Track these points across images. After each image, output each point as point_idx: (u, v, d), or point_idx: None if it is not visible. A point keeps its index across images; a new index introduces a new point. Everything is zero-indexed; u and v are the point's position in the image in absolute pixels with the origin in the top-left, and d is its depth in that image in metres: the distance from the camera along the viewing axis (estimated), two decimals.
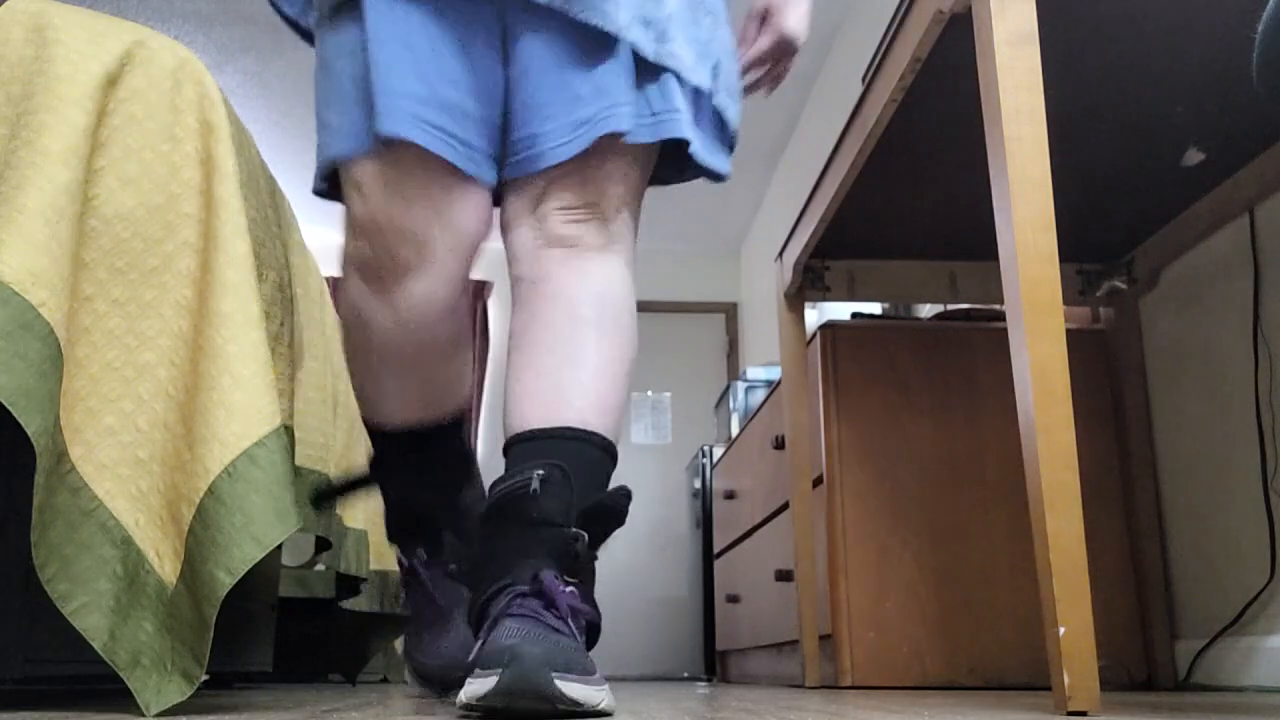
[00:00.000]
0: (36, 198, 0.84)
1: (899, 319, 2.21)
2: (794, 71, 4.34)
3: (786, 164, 4.94)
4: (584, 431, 0.98)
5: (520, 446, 0.99)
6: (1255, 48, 0.70)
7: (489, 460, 5.80)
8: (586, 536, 0.93)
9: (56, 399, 0.83)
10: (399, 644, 2.92)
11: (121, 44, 1.00)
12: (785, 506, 2.45)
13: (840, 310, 2.88)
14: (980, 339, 2.14)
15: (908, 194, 1.92)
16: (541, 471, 0.93)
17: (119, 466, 0.91)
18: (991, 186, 1.15)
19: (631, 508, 5.94)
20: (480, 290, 5.93)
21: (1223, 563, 1.85)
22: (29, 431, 0.79)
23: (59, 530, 0.86)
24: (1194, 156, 1.74)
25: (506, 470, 0.97)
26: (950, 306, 2.34)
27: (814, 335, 2.18)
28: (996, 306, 2.29)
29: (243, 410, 0.90)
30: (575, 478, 0.94)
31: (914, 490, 2.05)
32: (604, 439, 1.01)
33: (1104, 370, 2.15)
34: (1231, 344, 1.84)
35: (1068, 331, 2.17)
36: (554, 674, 0.78)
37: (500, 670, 0.77)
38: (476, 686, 0.80)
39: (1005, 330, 2.16)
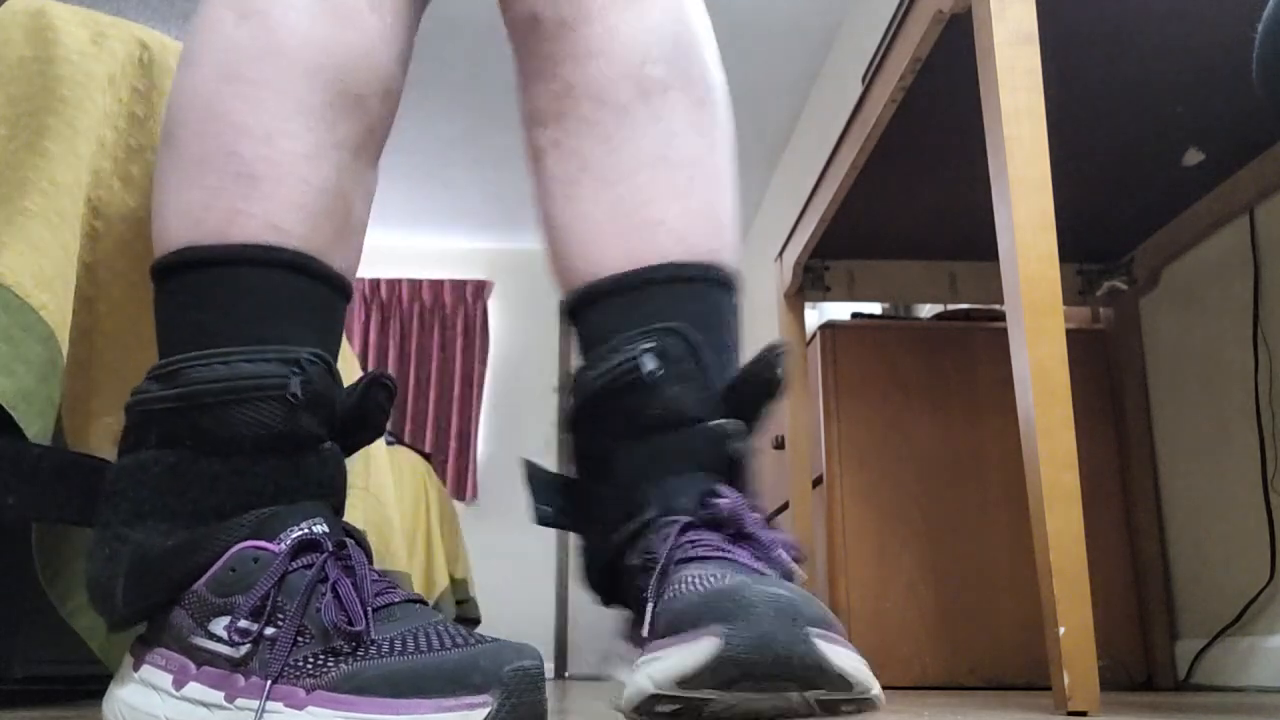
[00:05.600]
0: (38, 199, 0.84)
1: (899, 319, 2.21)
2: (794, 71, 4.33)
3: (786, 164, 4.94)
4: (693, 266, 0.66)
5: (600, 308, 0.66)
6: (1255, 48, 0.70)
7: (491, 462, 5.79)
8: (745, 425, 0.63)
9: (56, 402, 0.82)
10: None
11: (123, 45, 1.00)
12: (785, 506, 2.45)
13: (840, 310, 2.88)
14: (980, 339, 2.14)
15: (908, 194, 1.92)
16: (652, 343, 0.62)
17: None
18: (991, 186, 1.15)
19: None
20: (480, 290, 5.93)
21: (1223, 563, 1.85)
22: (29, 435, 0.78)
23: (58, 530, 0.86)
24: (1194, 156, 1.74)
25: (588, 349, 0.66)
26: (950, 306, 2.33)
27: (814, 335, 2.18)
28: (996, 306, 2.29)
29: None
30: (701, 340, 0.64)
31: (914, 490, 2.05)
32: (720, 269, 0.67)
33: (1104, 370, 2.15)
34: (1231, 344, 1.84)
35: (1068, 331, 2.16)
36: (811, 630, 0.47)
37: (725, 629, 0.47)
38: (677, 659, 0.49)
39: (1005, 330, 2.15)
